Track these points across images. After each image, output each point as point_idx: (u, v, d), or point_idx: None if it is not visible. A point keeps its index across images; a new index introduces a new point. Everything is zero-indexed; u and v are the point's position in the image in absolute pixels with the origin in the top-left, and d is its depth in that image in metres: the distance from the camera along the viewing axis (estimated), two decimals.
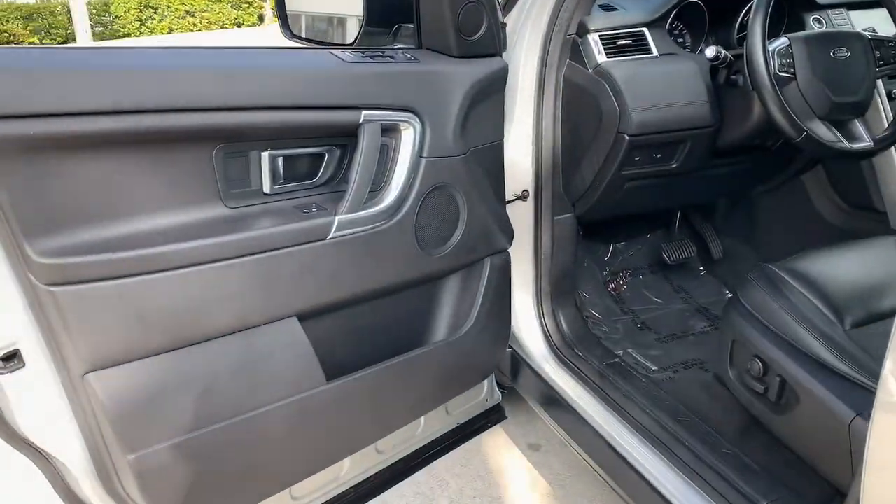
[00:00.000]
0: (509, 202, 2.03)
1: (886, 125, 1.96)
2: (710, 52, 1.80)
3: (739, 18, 2.12)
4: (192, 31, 16.63)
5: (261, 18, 17.57)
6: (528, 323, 2.16)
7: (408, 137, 1.61)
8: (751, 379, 1.64)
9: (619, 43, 1.94)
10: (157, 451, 1.33)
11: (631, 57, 1.93)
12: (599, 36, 1.93)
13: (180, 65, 1.28)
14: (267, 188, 1.49)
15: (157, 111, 1.23)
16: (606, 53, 1.92)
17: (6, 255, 1.19)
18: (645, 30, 1.97)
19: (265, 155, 1.45)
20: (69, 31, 15.24)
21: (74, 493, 1.38)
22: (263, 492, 1.58)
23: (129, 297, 1.25)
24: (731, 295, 2.59)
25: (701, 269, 2.66)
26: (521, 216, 2.08)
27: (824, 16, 2.14)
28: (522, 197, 2.06)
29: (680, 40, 2.10)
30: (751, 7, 1.76)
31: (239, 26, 17.15)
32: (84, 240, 1.22)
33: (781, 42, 1.79)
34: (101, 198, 1.23)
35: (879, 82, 1.99)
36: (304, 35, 1.95)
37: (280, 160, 1.49)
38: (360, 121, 1.51)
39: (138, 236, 1.28)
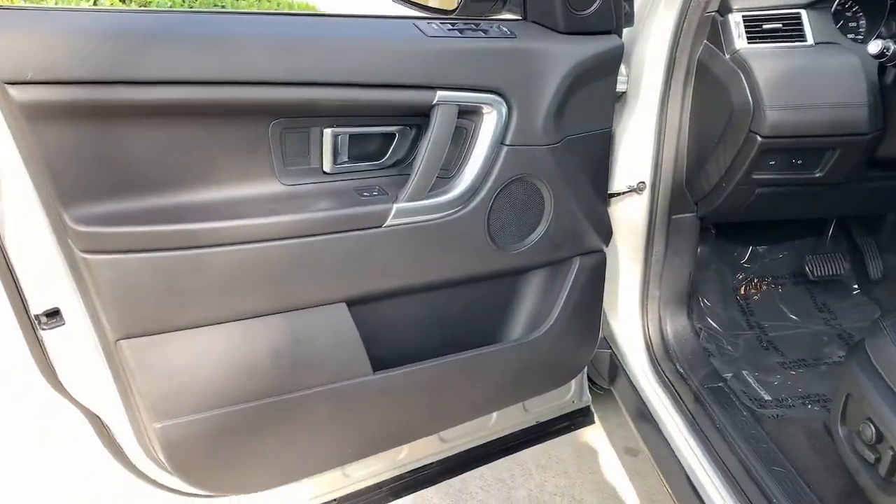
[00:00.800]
0: (619, 194, 1.83)
1: None
2: (875, 47, 1.47)
3: None
4: None
5: None
6: (629, 328, 1.97)
7: (489, 122, 1.46)
8: (861, 444, 1.38)
9: (765, 26, 1.65)
10: (186, 422, 1.33)
11: (778, 44, 1.64)
12: (743, 16, 1.65)
13: (239, 33, 1.22)
14: (327, 167, 1.41)
15: (212, 83, 1.18)
16: (748, 38, 1.64)
17: (48, 217, 1.20)
18: (803, 12, 1.66)
19: (327, 132, 1.38)
20: None
21: (118, 447, 1.43)
22: (303, 471, 1.57)
23: (166, 270, 1.23)
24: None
25: (855, 287, 2.29)
26: (633, 211, 1.87)
27: None
28: (637, 189, 1.85)
29: (852, 24, 1.75)
30: None
31: None
32: (124, 209, 1.21)
33: None
34: (145, 168, 1.22)
35: None
36: None
37: (344, 138, 1.40)
38: (434, 102, 1.39)
39: (182, 209, 1.26)
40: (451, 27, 1.44)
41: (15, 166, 1.16)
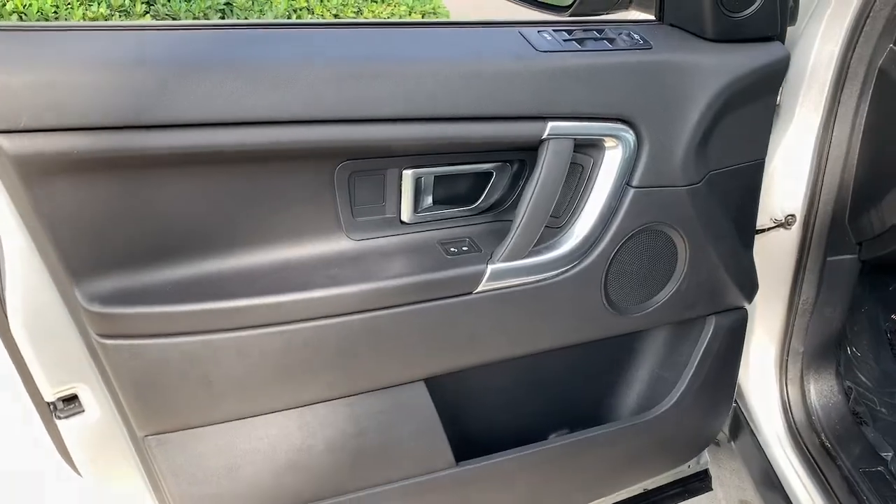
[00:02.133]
0: (762, 231, 1.48)
1: None
2: None
3: None
4: None
5: None
6: (763, 385, 1.64)
7: (613, 158, 1.14)
8: None
9: None
10: None
11: None
12: None
13: (289, 56, 0.93)
14: (406, 216, 1.12)
15: (258, 123, 0.90)
16: None
17: (58, 289, 0.96)
18: None
19: (408, 174, 1.08)
20: None
21: None
22: None
23: (201, 356, 0.98)
24: None
25: None
26: (778, 249, 1.53)
27: None
28: (785, 224, 1.50)
29: None
30: None
31: None
32: (147, 282, 0.95)
33: None
34: (170, 230, 0.95)
35: None
36: None
37: (428, 180, 1.11)
38: (544, 136, 1.07)
39: (219, 278, 0.99)
40: (567, 36, 1.12)
41: (15, 228, 0.92)
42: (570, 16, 1.31)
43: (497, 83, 1.02)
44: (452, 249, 1.13)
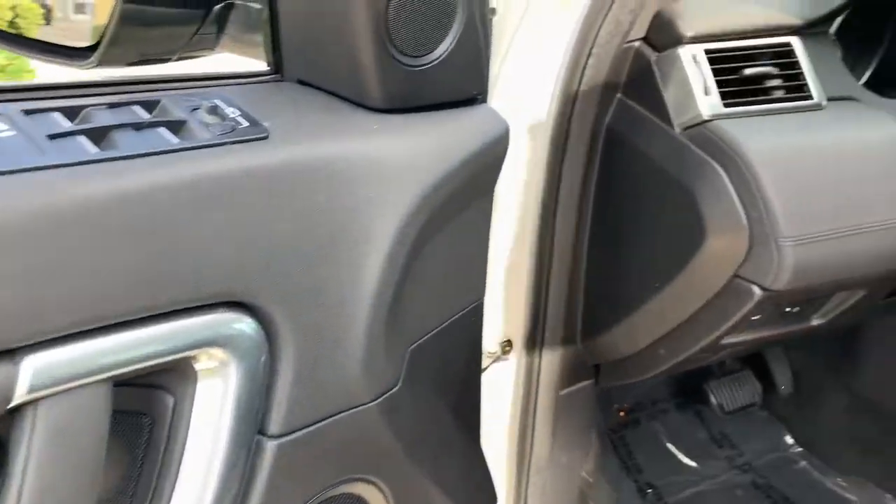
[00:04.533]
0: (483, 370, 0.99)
1: None
2: None
3: None
4: None
5: None
6: None
7: (213, 391, 0.51)
8: None
9: (746, 72, 0.86)
10: None
11: (767, 107, 0.87)
12: (708, 51, 0.85)
13: None
14: None
15: None
16: (723, 94, 0.85)
17: None
18: (793, 41, 0.90)
19: None
20: None
21: None
22: None
23: None
24: (799, 450, 1.65)
25: (756, 404, 1.67)
26: (495, 390, 1.05)
27: None
28: (501, 355, 1.03)
29: (860, 56, 1.04)
30: None
31: None
32: None
33: None
34: None
35: None
36: None
37: None
38: (17, 395, 0.40)
39: None
40: (73, 126, 0.47)
41: None
42: (99, 66, 0.66)
43: None
44: None
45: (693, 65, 0.85)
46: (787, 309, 0.96)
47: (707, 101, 0.84)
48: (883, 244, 0.86)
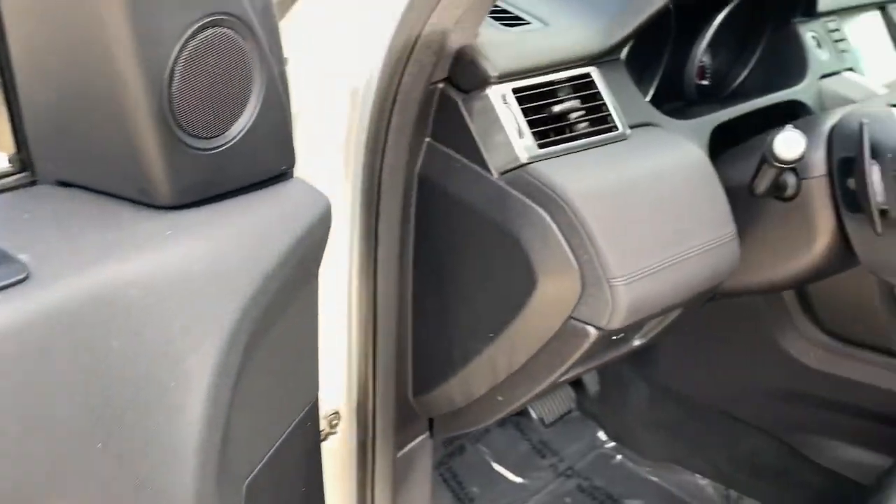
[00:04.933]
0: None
1: None
2: (789, 146, 0.79)
3: (711, 31, 1.09)
4: None
5: None
6: None
7: None
8: None
9: (555, 109, 0.83)
10: None
11: (575, 143, 0.84)
12: (515, 89, 0.81)
13: None
14: None
15: None
16: (537, 135, 0.81)
17: None
18: (592, 71, 0.89)
19: None
20: None
21: None
22: None
23: None
24: (612, 444, 1.71)
25: (572, 410, 1.70)
26: (337, 464, 0.96)
27: (819, 29, 1.25)
28: (329, 429, 0.93)
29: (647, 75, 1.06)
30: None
31: None
32: None
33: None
34: None
35: None
36: None
37: None
38: None
39: None
40: None
41: None
42: None
43: None
44: None
45: (503, 106, 0.80)
46: (613, 337, 0.96)
47: (522, 143, 0.80)
48: (705, 265, 0.87)
